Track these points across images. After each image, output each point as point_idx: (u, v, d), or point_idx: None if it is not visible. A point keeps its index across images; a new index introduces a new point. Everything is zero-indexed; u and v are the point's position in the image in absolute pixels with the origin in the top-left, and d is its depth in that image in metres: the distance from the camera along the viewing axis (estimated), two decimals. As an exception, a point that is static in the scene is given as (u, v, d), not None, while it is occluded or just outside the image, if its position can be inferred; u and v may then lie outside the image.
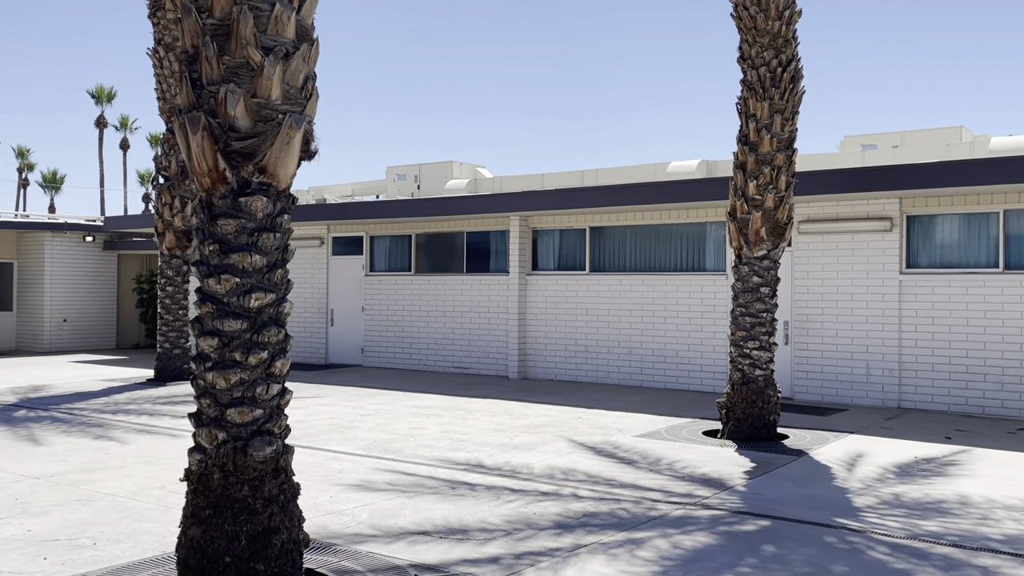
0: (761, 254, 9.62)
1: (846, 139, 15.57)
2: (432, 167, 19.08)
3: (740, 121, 9.80)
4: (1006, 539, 5.76)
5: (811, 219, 12.52)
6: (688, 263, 13.92)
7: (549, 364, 15.16)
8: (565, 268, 15.20)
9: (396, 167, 19.56)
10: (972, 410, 11.29)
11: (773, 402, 9.54)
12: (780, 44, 9.49)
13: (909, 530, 5.98)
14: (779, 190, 9.54)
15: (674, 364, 13.83)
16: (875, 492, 7.09)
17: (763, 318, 9.61)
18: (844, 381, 12.21)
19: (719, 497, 6.90)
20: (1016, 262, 11.20)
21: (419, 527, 5.94)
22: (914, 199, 11.81)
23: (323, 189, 20.53)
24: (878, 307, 11.97)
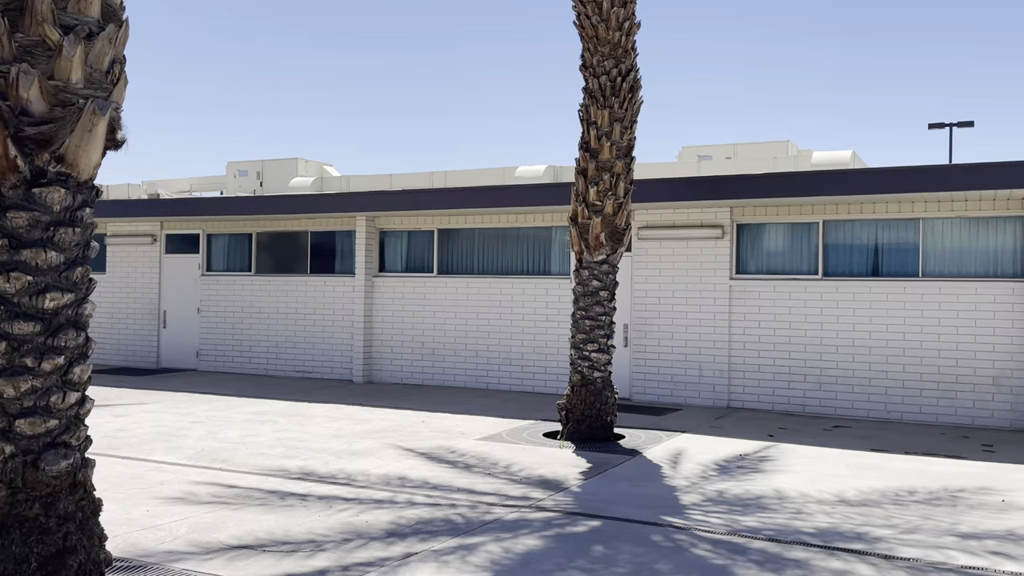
0: (601, 258, 9.82)
1: (684, 150, 16.22)
2: (276, 164, 18.43)
3: (582, 128, 9.98)
4: (817, 532, 6.09)
5: (650, 225, 12.94)
6: (535, 267, 14.08)
7: (396, 368, 14.94)
8: (413, 270, 15.03)
9: (238, 163, 18.78)
10: (794, 408, 11.98)
11: (611, 403, 9.75)
12: (620, 54, 9.73)
13: (730, 526, 6.22)
14: (618, 196, 9.77)
15: (520, 367, 13.95)
16: (701, 489, 7.36)
17: (602, 321, 9.81)
18: (679, 382, 12.69)
19: (554, 499, 6.96)
20: (833, 269, 11.98)
21: (241, 541, 5.64)
22: (743, 208, 12.43)
23: (157, 184, 19.42)
24: (710, 311, 12.52)
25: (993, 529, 6.20)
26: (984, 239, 11.19)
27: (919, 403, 11.29)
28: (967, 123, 30.86)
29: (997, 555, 5.60)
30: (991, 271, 11.13)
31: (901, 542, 5.86)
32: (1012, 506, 6.88)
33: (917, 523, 6.34)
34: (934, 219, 11.42)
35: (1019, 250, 11.00)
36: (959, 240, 11.32)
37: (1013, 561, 5.48)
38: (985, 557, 5.56)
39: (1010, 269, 11.03)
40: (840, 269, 11.94)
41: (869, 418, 11.50)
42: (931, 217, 11.41)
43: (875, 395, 11.52)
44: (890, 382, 11.45)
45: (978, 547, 5.77)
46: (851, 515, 6.55)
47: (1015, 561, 5.48)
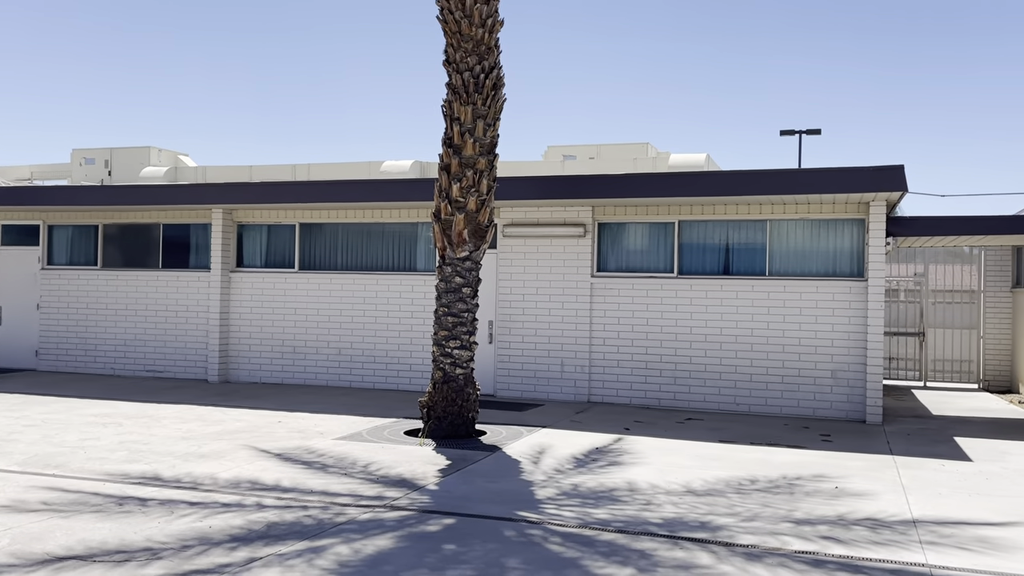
0: (464, 255, 9.80)
1: (549, 149, 16.46)
2: (126, 152, 17.43)
3: (446, 124, 9.92)
4: (664, 523, 6.27)
5: (515, 223, 13.03)
6: (400, 263, 13.92)
7: (254, 366, 14.45)
8: (273, 265, 14.57)
9: (83, 150, 17.65)
10: (650, 402, 12.35)
11: (472, 400, 9.75)
12: (483, 51, 9.73)
13: (582, 519, 6.32)
14: (481, 193, 9.77)
15: (384, 364, 13.76)
16: (556, 483, 7.45)
17: (464, 318, 9.79)
18: (542, 378, 12.84)
19: (410, 497, 6.88)
20: (688, 268, 12.42)
21: (70, 551, 5.27)
22: (604, 208, 12.70)
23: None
24: (572, 308, 12.73)
25: (826, 515, 6.57)
26: (825, 240, 11.87)
27: (765, 396, 11.86)
28: (815, 131, 32.76)
29: (828, 539, 5.93)
30: (831, 270, 11.82)
31: (742, 529, 6.11)
32: (844, 492, 7.31)
33: (757, 511, 6.64)
34: (780, 221, 12.02)
35: (856, 251, 11.72)
36: (803, 241, 11.96)
37: (841, 545, 5.81)
38: (817, 542, 5.87)
39: (847, 269, 11.74)
40: (694, 268, 12.39)
41: (720, 410, 11.99)
42: (778, 219, 12.01)
43: (725, 389, 12.03)
44: (739, 376, 11.98)
45: (811, 532, 6.09)
46: (697, 505, 6.79)
47: (843, 545, 5.81)
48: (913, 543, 5.86)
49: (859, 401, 11.45)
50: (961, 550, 5.73)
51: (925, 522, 6.40)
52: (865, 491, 7.35)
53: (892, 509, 6.76)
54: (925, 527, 6.26)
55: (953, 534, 6.10)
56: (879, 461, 8.68)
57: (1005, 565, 5.42)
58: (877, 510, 6.73)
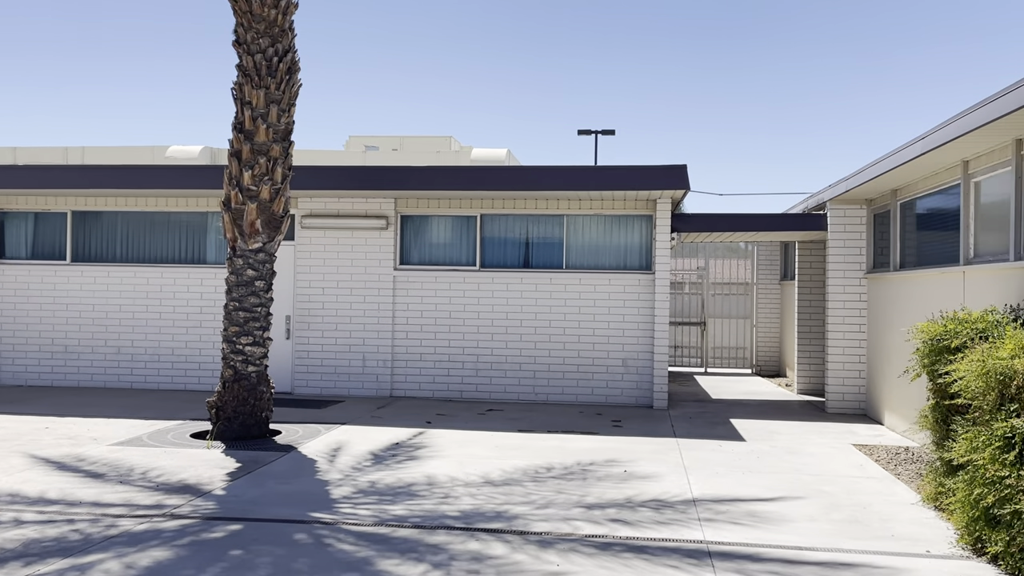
0: (256, 247, 9.34)
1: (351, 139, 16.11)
2: None
3: (236, 108, 9.41)
4: (461, 515, 6.26)
5: (314, 214, 12.62)
6: (188, 255, 13.09)
7: (19, 368, 13.09)
8: (42, 257, 13.26)
9: None
10: (453, 395, 12.38)
11: (266, 398, 9.33)
12: (277, 33, 9.31)
13: (378, 516, 6.18)
14: (275, 182, 9.36)
15: (170, 363, 12.90)
16: (353, 481, 7.26)
17: (257, 313, 9.34)
18: (343, 373, 12.53)
19: (193, 504, 6.45)
20: (490, 261, 12.55)
21: None
22: (407, 200, 12.58)
23: None
24: (374, 301, 12.52)
25: (615, 498, 6.82)
26: (617, 235, 12.39)
27: (562, 385, 12.23)
28: (610, 131, 34.21)
29: (616, 522, 6.15)
30: (622, 264, 12.35)
31: (536, 517, 6.22)
32: (632, 475, 7.64)
33: (552, 498, 6.79)
34: (576, 215, 12.42)
35: (645, 246, 12.32)
36: (596, 236, 12.42)
37: (629, 527, 6.05)
38: (606, 525, 6.07)
39: (637, 262, 12.32)
40: (496, 261, 12.54)
41: (520, 401, 12.23)
42: (574, 214, 12.39)
43: (525, 379, 12.28)
44: (538, 366, 12.27)
45: (601, 516, 6.30)
46: (494, 495, 6.84)
47: (630, 526, 6.05)
48: (693, 521, 6.21)
49: (647, 387, 12.06)
50: (735, 525, 6.13)
51: (704, 500, 6.80)
52: (651, 473, 7.72)
53: (675, 489, 7.13)
54: (704, 505, 6.65)
55: (728, 511, 6.52)
56: (664, 444, 9.16)
57: (772, 537, 5.86)
58: (662, 491, 7.08)
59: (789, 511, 6.52)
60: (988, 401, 5.61)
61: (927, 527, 6.16)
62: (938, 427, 6.72)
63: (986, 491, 5.38)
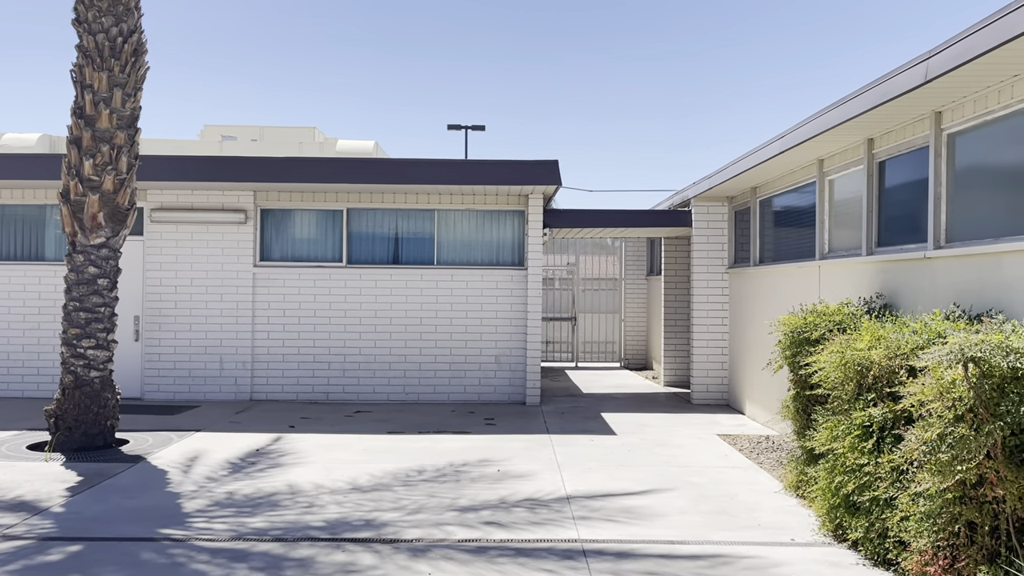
0: (99, 242, 8.62)
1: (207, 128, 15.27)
2: None
3: (76, 91, 8.65)
4: (327, 525, 5.91)
5: (165, 207, 11.83)
6: (24, 251, 12.02)
7: None
8: None
9: None
10: (319, 397, 11.90)
11: (111, 406, 8.63)
12: (121, 12, 8.61)
13: (236, 530, 5.75)
14: (120, 171, 8.66)
15: (6, 368, 11.81)
16: (209, 493, 6.77)
17: (101, 313, 8.62)
18: (198, 377, 11.82)
19: (29, 523, 5.81)
20: (357, 257, 12.13)
21: None
22: (268, 193, 11.98)
23: None
24: (233, 300, 11.86)
25: (489, 500, 6.64)
26: (490, 230, 12.24)
27: (434, 383, 11.97)
28: (480, 127, 34.12)
29: (491, 525, 5.96)
30: (495, 260, 12.21)
31: (407, 523, 5.95)
32: (506, 475, 7.48)
33: (423, 502, 6.53)
34: (448, 210, 12.18)
35: (517, 241, 12.23)
36: (468, 231, 12.22)
37: (503, 529, 5.87)
38: (480, 528, 5.88)
39: (510, 258, 12.21)
40: (364, 257, 12.14)
41: (390, 401, 11.89)
42: (445, 208, 12.15)
43: (395, 379, 11.95)
44: (409, 365, 11.96)
45: (475, 519, 6.10)
46: (363, 502, 6.53)
47: (505, 528, 5.88)
48: (567, 520, 6.10)
49: (520, 384, 11.98)
50: (609, 522, 6.07)
51: (578, 497, 6.72)
52: (525, 472, 7.59)
53: (549, 487, 7.03)
54: (578, 503, 6.57)
55: (602, 507, 6.46)
56: (538, 441, 9.07)
57: (646, 532, 5.82)
58: (536, 490, 6.95)
59: (661, 504, 6.52)
60: (847, 391, 5.76)
61: (791, 515, 6.29)
62: (799, 417, 6.89)
63: (846, 479, 5.52)
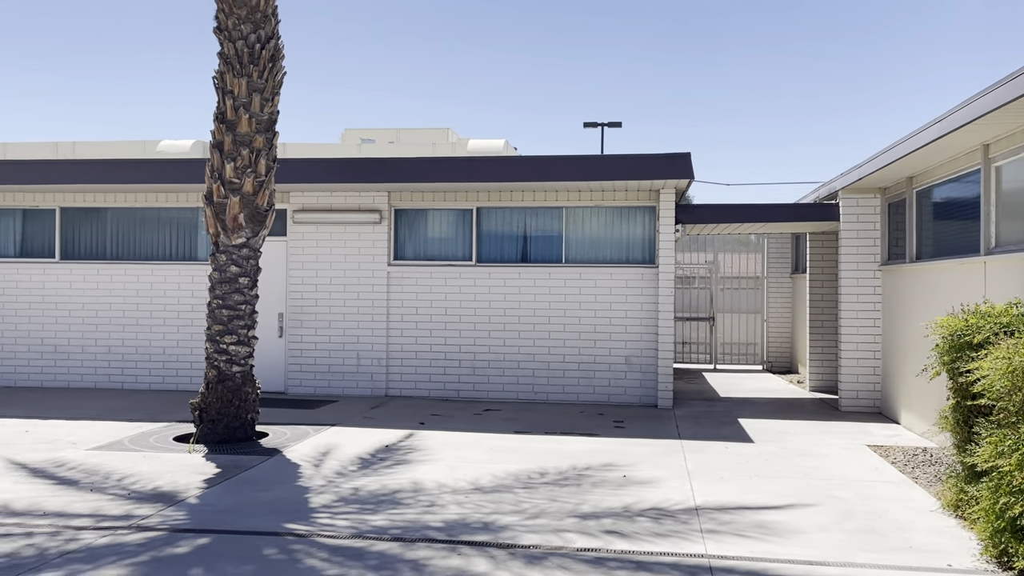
0: (240, 242, 8.96)
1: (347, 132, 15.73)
2: None
3: (218, 97, 9.03)
4: (445, 526, 5.86)
5: (306, 208, 12.24)
6: (179, 252, 12.73)
7: (6, 368, 12.77)
8: (30, 255, 12.93)
9: None
10: (450, 394, 11.98)
11: (251, 400, 8.95)
12: (259, 19, 8.91)
13: (356, 528, 5.78)
14: (259, 174, 8.97)
15: (161, 363, 12.55)
16: (336, 488, 6.87)
17: (242, 311, 8.96)
18: (337, 372, 12.15)
19: (163, 514, 6.07)
20: (487, 256, 12.13)
21: None
22: (401, 193, 12.17)
23: None
24: (368, 298, 12.12)
25: (611, 507, 6.40)
26: (619, 228, 11.95)
27: (563, 383, 11.80)
28: (616, 123, 33.76)
29: (611, 534, 5.73)
30: (624, 257, 11.91)
31: (526, 528, 5.81)
32: (631, 481, 7.22)
33: (544, 506, 6.37)
34: (576, 208, 11.98)
35: (648, 238, 11.87)
36: (597, 228, 11.98)
37: (624, 539, 5.63)
38: (600, 537, 5.66)
39: (640, 256, 11.88)
40: (493, 255, 12.12)
41: (519, 400, 11.82)
42: (574, 206, 11.95)
43: (524, 378, 11.86)
44: (537, 364, 11.85)
45: (595, 527, 5.88)
46: (483, 503, 6.44)
47: (626, 539, 5.63)
48: (694, 532, 5.78)
49: (651, 386, 11.63)
50: (740, 537, 5.70)
51: (707, 509, 6.37)
52: (652, 479, 7.30)
53: (677, 497, 6.71)
54: (707, 514, 6.22)
55: (733, 520, 6.09)
56: (667, 446, 8.73)
57: (781, 551, 5.42)
58: (662, 498, 6.65)
59: (799, 520, 6.08)
60: (1015, 402, 5.16)
61: (948, 537, 5.72)
62: (959, 429, 6.26)
63: (1013, 500, 4.94)
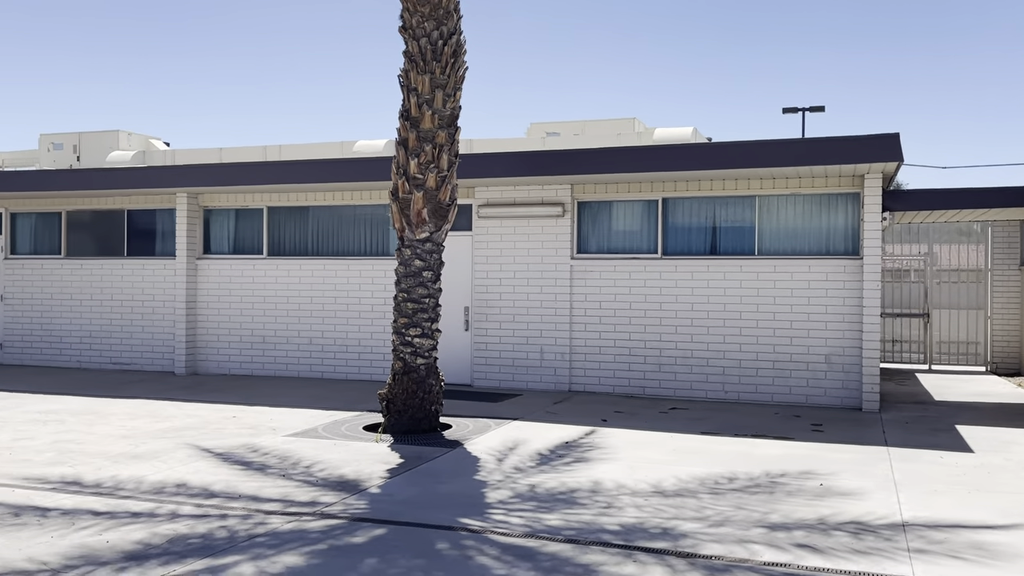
0: (424, 236, 9.11)
1: (532, 126, 15.73)
2: (95, 136, 16.81)
3: (403, 95, 9.22)
4: (621, 529, 5.59)
5: (490, 203, 12.32)
6: (372, 247, 13.24)
7: (223, 357, 13.82)
8: (241, 251, 13.92)
9: (51, 135, 17.04)
10: (634, 391, 11.65)
11: (435, 392, 9.09)
12: (442, 15, 9.01)
13: (530, 526, 5.64)
14: (441, 169, 9.07)
15: (356, 354, 13.11)
16: (513, 484, 6.77)
17: (426, 304, 9.12)
18: (521, 366, 12.16)
19: (345, 503, 6.22)
20: (673, 248, 11.69)
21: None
22: (584, 186, 11.97)
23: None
24: (551, 292, 12.03)
25: (805, 518, 5.87)
26: (818, 217, 11.12)
27: (755, 382, 11.15)
28: (819, 108, 31.84)
29: (803, 548, 5.23)
30: (824, 249, 11.07)
31: (708, 537, 5.43)
32: (829, 491, 6.61)
33: (729, 514, 5.95)
34: (770, 196, 11.27)
35: (851, 228, 10.97)
36: (793, 218, 11.21)
37: (818, 555, 5.12)
38: (790, 551, 5.18)
39: (842, 247, 10.99)
40: (680, 248, 11.66)
41: (707, 399, 11.29)
42: (767, 194, 11.25)
43: (713, 375, 11.32)
44: (727, 362, 11.27)
45: (786, 539, 5.40)
46: (663, 507, 6.11)
47: (820, 555, 5.12)
48: (900, 551, 5.17)
49: (855, 387, 10.73)
50: (954, 559, 5.03)
51: (916, 525, 5.69)
52: (853, 489, 6.65)
53: (881, 510, 6.06)
54: (915, 531, 5.56)
55: (946, 539, 5.40)
56: (872, 453, 7.97)
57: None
58: (864, 511, 6.03)
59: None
60: None
61: None
62: None
63: None
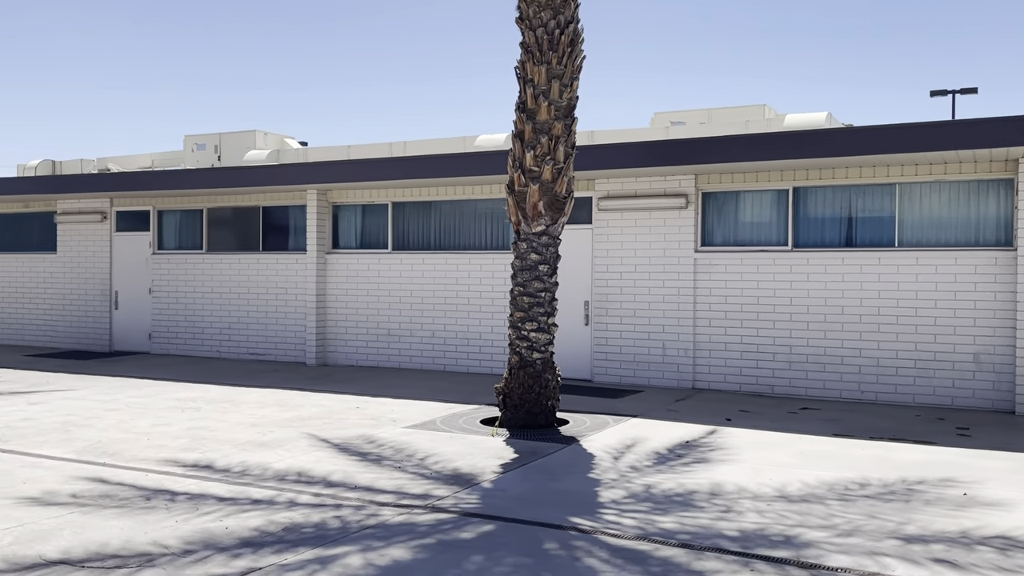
0: (539, 229, 9.01)
1: (656, 115, 15.34)
2: (234, 136, 17.63)
3: (519, 87, 9.14)
4: (740, 536, 5.30)
5: (610, 195, 12.09)
6: (492, 241, 13.27)
7: (351, 349, 14.20)
8: (367, 246, 14.25)
9: (195, 136, 17.99)
10: (762, 389, 11.17)
11: (551, 387, 8.98)
12: (558, 4, 8.86)
13: (643, 529, 5.44)
14: (557, 161, 8.94)
15: (477, 347, 13.18)
16: (628, 484, 6.58)
17: (542, 298, 9.02)
18: (642, 362, 11.88)
19: (457, 496, 6.20)
20: (804, 240, 11.12)
21: (67, 554, 4.90)
22: (709, 176, 11.56)
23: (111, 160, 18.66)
24: (674, 286, 11.69)
25: (945, 530, 5.41)
26: (964, 205, 10.31)
27: (895, 382, 10.45)
28: (971, 90, 29.75)
29: (941, 563, 4.81)
30: (972, 239, 10.26)
31: (835, 547, 5.07)
32: (974, 501, 6.08)
33: (860, 523, 5.55)
34: (911, 184, 10.53)
35: (1003, 216, 10.11)
36: (937, 207, 10.43)
37: (958, 570, 4.69)
38: (927, 566, 4.77)
39: (993, 237, 10.15)
40: (811, 239, 11.08)
41: (841, 399, 10.68)
42: (908, 182, 10.52)
43: (848, 374, 10.69)
44: (864, 360, 10.62)
45: (922, 553, 4.98)
46: (787, 513, 5.77)
47: (960, 570, 4.69)
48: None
49: (1007, 389, 9.88)
50: (1121, 586, 4.49)
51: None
52: (1002, 500, 6.09)
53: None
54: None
55: (1112, 563, 4.84)
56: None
57: None
58: (1013, 525, 5.50)
59: None
60: None
61: None
62: None
63: None
